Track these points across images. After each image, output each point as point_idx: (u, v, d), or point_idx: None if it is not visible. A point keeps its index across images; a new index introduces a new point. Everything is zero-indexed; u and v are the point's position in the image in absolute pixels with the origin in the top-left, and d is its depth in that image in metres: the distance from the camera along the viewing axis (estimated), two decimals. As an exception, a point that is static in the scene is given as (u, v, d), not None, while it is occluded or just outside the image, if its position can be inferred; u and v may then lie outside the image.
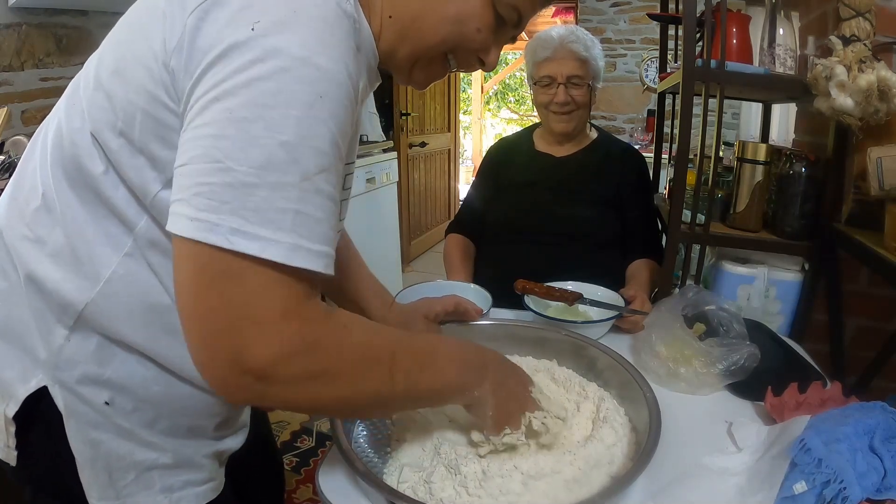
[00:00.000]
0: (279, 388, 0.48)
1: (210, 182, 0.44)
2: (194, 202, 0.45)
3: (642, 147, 3.25)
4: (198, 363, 0.48)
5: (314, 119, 0.46)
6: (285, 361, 0.47)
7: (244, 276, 0.45)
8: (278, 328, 0.46)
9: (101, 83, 0.54)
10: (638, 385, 0.78)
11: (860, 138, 1.02)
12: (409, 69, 0.64)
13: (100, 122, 0.53)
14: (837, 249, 1.16)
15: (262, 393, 0.48)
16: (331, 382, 0.51)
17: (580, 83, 1.40)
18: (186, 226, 0.45)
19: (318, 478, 0.67)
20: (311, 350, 0.49)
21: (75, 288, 0.56)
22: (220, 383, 0.48)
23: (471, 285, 1.19)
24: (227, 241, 0.44)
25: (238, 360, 0.46)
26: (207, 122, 0.45)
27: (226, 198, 0.44)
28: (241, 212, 0.44)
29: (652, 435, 0.67)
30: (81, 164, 0.55)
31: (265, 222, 0.45)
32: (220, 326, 0.45)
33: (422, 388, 0.60)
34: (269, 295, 0.46)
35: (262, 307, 0.46)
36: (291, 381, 0.49)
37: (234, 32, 0.45)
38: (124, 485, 0.61)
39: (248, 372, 0.46)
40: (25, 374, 0.59)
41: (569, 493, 0.63)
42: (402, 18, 0.59)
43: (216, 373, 0.47)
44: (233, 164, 0.44)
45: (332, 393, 0.52)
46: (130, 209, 0.55)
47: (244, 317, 0.46)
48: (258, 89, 0.45)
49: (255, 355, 0.46)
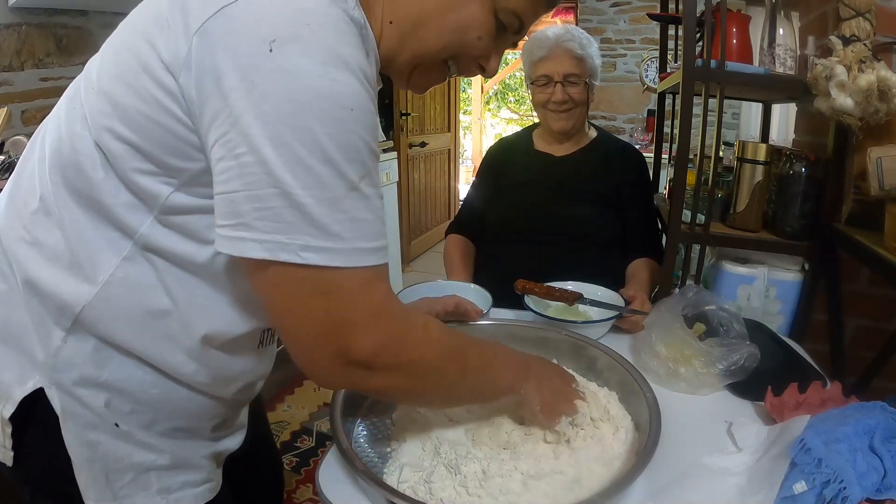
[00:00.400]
0: (379, 375, 0.56)
1: (270, 206, 0.48)
2: (259, 226, 0.48)
3: (642, 147, 3.24)
4: (304, 365, 0.55)
5: (349, 132, 0.49)
6: (383, 352, 0.54)
7: (323, 285, 0.51)
8: (373, 324, 0.53)
9: (104, 88, 0.54)
10: (638, 385, 0.78)
11: (860, 138, 1.02)
12: (409, 74, 0.64)
13: (102, 128, 0.53)
14: (837, 249, 1.16)
15: (363, 378, 0.56)
16: (417, 372, 0.59)
17: (577, 81, 1.40)
18: (256, 248, 0.49)
19: (318, 478, 0.67)
20: (402, 342, 0.56)
21: (73, 290, 0.56)
22: (328, 377, 0.56)
23: (471, 285, 1.19)
24: (298, 257, 0.49)
25: (344, 357, 0.53)
26: (247, 150, 0.47)
27: (288, 219, 0.48)
28: (304, 229, 0.48)
29: (652, 435, 0.67)
30: (81, 168, 0.55)
31: (327, 235, 0.49)
32: (323, 333, 0.52)
33: (483, 384, 0.68)
34: (358, 297, 0.52)
35: (355, 309, 0.52)
36: (388, 369, 0.56)
37: (250, 52, 0.46)
38: (121, 486, 0.61)
39: (353, 363, 0.53)
40: (22, 376, 0.59)
41: (569, 493, 0.63)
42: (402, 24, 0.59)
43: (324, 369, 0.55)
44: (286, 188, 0.47)
45: (417, 381, 0.59)
46: (131, 214, 0.55)
47: (342, 320, 0.52)
48: (289, 111, 0.46)
49: (359, 350, 0.53)
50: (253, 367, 0.68)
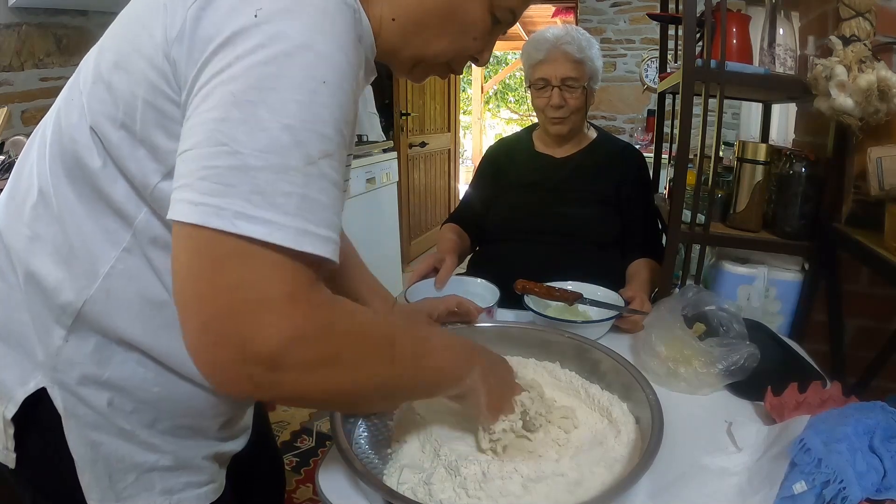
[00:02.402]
0: (287, 377, 0.46)
1: (215, 165, 0.44)
2: (198, 186, 0.44)
3: (642, 147, 3.24)
4: (196, 351, 0.45)
5: (318, 104, 0.46)
6: (296, 346, 0.45)
7: (250, 259, 0.44)
8: (288, 311, 0.45)
9: (102, 76, 0.54)
10: (640, 387, 0.78)
11: (860, 138, 1.02)
12: (411, 68, 0.65)
13: (99, 115, 0.53)
14: (837, 249, 1.16)
15: (268, 382, 0.46)
16: (339, 368, 0.50)
17: (574, 85, 1.39)
18: (190, 211, 0.44)
19: (318, 478, 0.67)
20: (321, 334, 0.47)
21: (74, 285, 0.56)
22: (221, 373, 0.46)
23: (478, 279, 1.20)
24: (232, 225, 0.43)
25: (245, 346, 0.44)
26: (211, 106, 0.45)
27: (231, 181, 0.43)
28: (246, 195, 0.43)
29: (654, 438, 0.67)
30: (80, 158, 0.55)
31: (271, 206, 0.44)
32: (225, 309, 0.43)
33: (421, 375, 0.60)
34: (277, 278, 0.44)
35: (270, 289, 0.44)
36: (301, 368, 0.47)
37: (238, 19, 0.46)
38: (124, 486, 0.61)
39: (256, 358, 0.44)
40: (24, 376, 0.59)
41: (570, 496, 0.63)
42: (405, 23, 0.59)
43: (218, 361, 0.45)
44: (238, 147, 0.43)
45: (339, 379, 0.50)
46: (129, 203, 0.55)
47: (251, 299, 0.44)
48: (262, 73, 0.44)
49: (264, 340, 0.44)
50: None
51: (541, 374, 0.90)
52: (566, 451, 0.70)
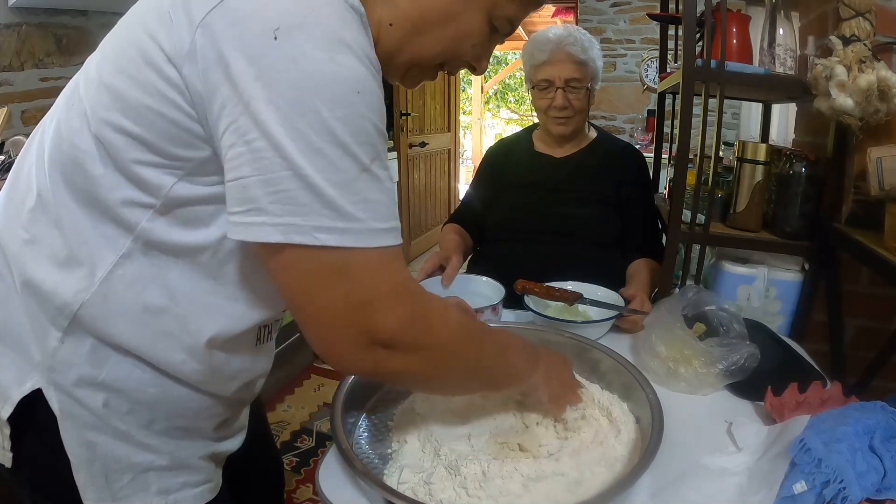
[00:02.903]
0: (401, 355, 0.55)
1: (283, 189, 0.48)
2: (273, 209, 0.48)
3: (642, 147, 3.24)
4: (325, 350, 0.54)
5: (357, 115, 0.49)
6: (408, 328, 0.54)
7: (340, 265, 0.50)
8: (395, 301, 0.53)
9: (105, 81, 0.54)
10: (640, 387, 0.78)
11: (860, 138, 1.02)
12: (403, 73, 0.65)
13: (103, 121, 0.53)
14: (837, 249, 1.16)
15: (385, 359, 0.54)
16: (439, 350, 0.58)
17: (578, 86, 1.39)
18: (270, 231, 0.48)
19: (318, 478, 0.67)
20: (424, 319, 0.56)
21: (71, 288, 0.56)
22: (348, 360, 0.54)
23: (483, 277, 1.21)
24: (313, 239, 0.48)
25: (367, 336, 0.52)
26: (259, 136, 0.47)
27: (302, 201, 0.48)
28: (319, 210, 0.48)
29: (654, 437, 0.67)
30: (81, 164, 0.55)
31: (342, 216, 0.49)
32: (343, 313, 0.51)
33: (498, 370, 0.68)
34: (377, 275, 0.52)
35: (376, 287, 0.52)
36: (411, 348, 0.55)
37: (255, 42, 0.46)
38: (120, 487, 0.61)
39: (377, 343, 0.53)
40: (20, 377, 0.58)
41: (570, 495, 0.63)
42: (402, 29, 0.59)
43: (348, 353, 0.53)
44: (299, 171, 0.47)
45: (439, 360, 0.59)
46: (131, 210, 0.55)
47: (363, 298, 0.51)
48: (297, 97, 0.47)
49: (383, 327, 0.52)
50: (251, 365, 0.68)
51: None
52: (566, 451, 0.70)
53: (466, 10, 0.60)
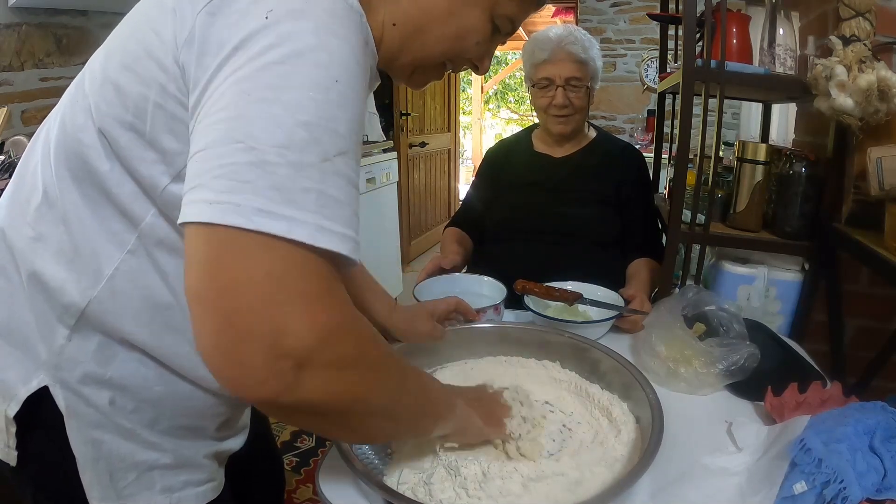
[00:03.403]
0: (316, 377, 0.44)
1: (231, 162, 0.43)
2: (214, 185, 0.43)
3: (642, 147, 3.24)
4: (215, 351, 0.43)
5: (331, 102, 0.46)
6: (329, 340, 0.44)
7: (274, 254, 0.42)
8: (320, 306, 0.44)
9: (109, 78, 0.54)
10: (640, 386, 0.78)
11: (860, 138, 1.02)
12: (409, 74, 0.65)
13: (108, 117, 0.53)
14: (837, 249, 1.16)
15: (294, 383, 0.43)
16: (363, 372, 0.48)
17: (579, 85, 1.39)
18: (205, 210, 0.42)
19: (318, 478, 0.67)
20: (350, 333, 0.47)
21: (78, 286, 0.56)
22: (246, 372, 0.42)
23: (484, 277, 1.21)
24: (250, 221, 0.42)
25: (277, 340, 0.42)
26: (224, 105, 0.45)
27: (248, 177, 0.42)
28: (264, 191, 0.42)
29: (654, 437, 0.67)
30: (86, 160, 0.55)
31: (289, 202, 0.43)
32: (253, 302, 0.42)
33: (423, 399, 0.60)
34: (306, 273, 0.43)
35: (301, 284, 0.43)
36: (330, 366, 0.45)
37: (249, 23, 0.46)
38: (125, 485, 0.61)
39: (287, 354, 0.42)
40: (27, 375, 0.59)
41: (570, 495, 0.63)
42: (405, 28, 0.60)
43: (244, 358, 0.42)
44: (254, 143, 0.43)
45: (361, 384, 0.49)
46: (136, 205, 0.55)
47: (283, 292, 0.42)
48: (275, 72, 0.45)
49: (297, 333, 0.42)
50: None
51: (540, 375, 0.90)
52: (566, 451, 0.70)
53: (468, 8, 0.60)
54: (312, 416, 0.48)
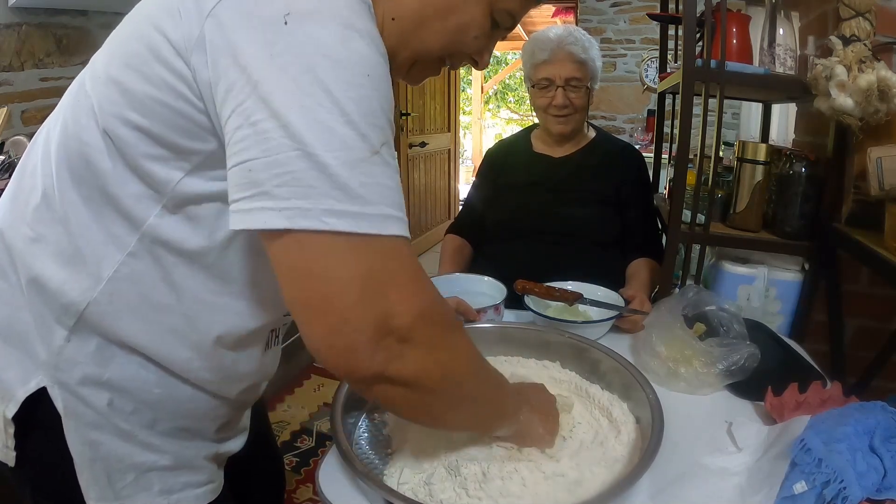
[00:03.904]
0: (416, 351, 0.50)
1: (290, 171, 0.45)
2: (279, 192, 0.45)
3: (642, 147, 3.25)
4: (330, 347, 0.48)
5: (368, 97, 0.48)
6: (427, 319, 0.50)
7: (353, 252, 0.46)
8: (416, 287, 0.49)
9: (112, 77, 0.54)
10: (640, 387, 0.78)
11: (860, 138, 1.02)
12: (408, 69, 0.65)
13: (112, 116, 0.53)
14: (837, 249, 1.16)
15: (399, 356, 0.49)
16: (453, 352, 0.54)
17: (579, 85, 1.39)
18: (275, 217, 0.45)
19: (318, 478, 0.67)
20: (443, 311, 0.52)
21: (77, 287, 0.56)
22: (357, 358, 0.48)
23: (485, 277, 1.21)
24: (322, 223, 0.45)
25: (384, 325, 0.47)
26: (268, 115, 0.45)
27: (311, 182, 0.45)
28: (328, 192, 0.45)
29: (654, 438, 0.67)
30: (89, 160, 0.55)
31: (352, 199, 0.46)
32: (357, 299, 0.46)
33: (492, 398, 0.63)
34: (395, 261, 0.48)
35: (394, 272, 0.48)
36: (427, 344, 0.50)
37: (267, 28, 0.46)
38: (123, 486, 0.61)
39: (393, 334, 0.48)
40: (25, 376, 0.59)
41: (570, 495, 0.63)
42: (404, 22, 0.59)
43: (357, 347, 0.47)
44: (309, 150, 0.45)
45: (451, 363, 0.54)
46: (139, 207, 0.55)
47: (381, 283, 0.47)
48: (309, 78, 0.45)
49: (401, 315, 0.48)
50: (259, 367, 0.68)
51: (541, 375, 0.90)
52: (566, 451, 0.70)
53: (467, 3, 0.60)
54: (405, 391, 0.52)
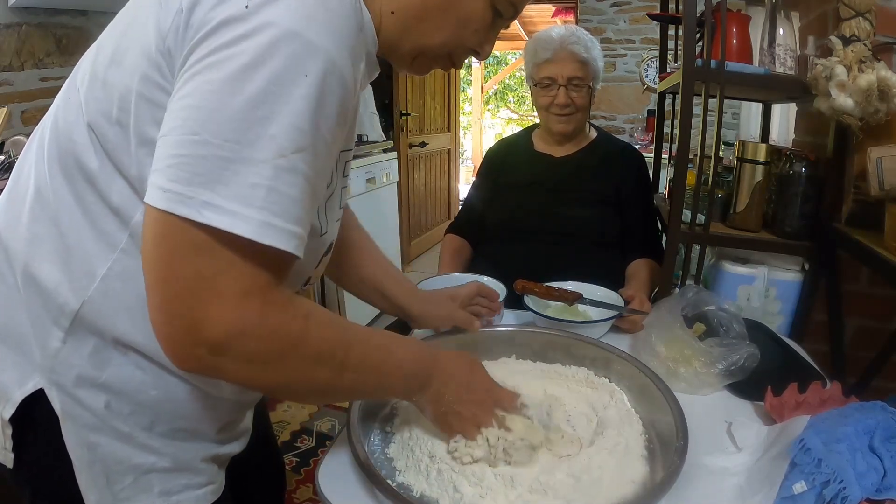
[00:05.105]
0: (230, 364, 0.49)
1: (185, 154, 0.44)
2: (168, 173, 0.45)
3: (642, 147, 3.24)
4: (154, 325, 0.48)
5: (296, 97, 0.46)
6: (240, 339, 0.48)
7: (212, 249, 0.45)
8: (238, 304, 0.47)
9: (98, 74, 0.54)
10: (662, 396, 0.77)
11: (860, 138, 1.02)
12: (411, 62, 0.65)
13: (96, 113, 0.53)
14: (837, 249, 1.16)
15: (212, 366, 0.49)
16: (279, 367, 0.52)
17: (581, 85, 1.40)
18: (159, 196, 0.45)
19: (318, 478, 0.67)
20: (268, 334, 0.49)
21: (72, 286, 0.56)
22: (173, 349, 0.49)
23: (484, 277, 1.21)
24: (197, 214, 0.44)
25: (194, 330, 0.46)
26: (188, 93, 0.45)
27: (199, 170, 0.44)
28: (213, 185, 0.44)
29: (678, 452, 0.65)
30: (78, 158, 0.55)
31: (237, 197, 0.45)
32: (181, 293, 0.46)
33: (365, 387, 0.63)
34: (235, 270, 0.46)
35: (225, 281, 0.46)
36: (243, 360, 0.49)
37: (229, 8, 0.46)
38: (122, 488, 0.61)
39: (203, 343, 0.47)
40: (22, 377, 0.58)
41: (579, 495, 0.63)
42: (405, 16, 0.59)
43: (171, 338, 0.48)
44: (208, 137, 0.44)
45: (280, 377, 0.53)
46: (127, 203, 0.55)
47: (206, 288, 0.46)
48: (242, 63, 0.45)
49: (211, 327, 0.46)
50: None
51: (541, 375, 0.89)
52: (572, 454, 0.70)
53: None
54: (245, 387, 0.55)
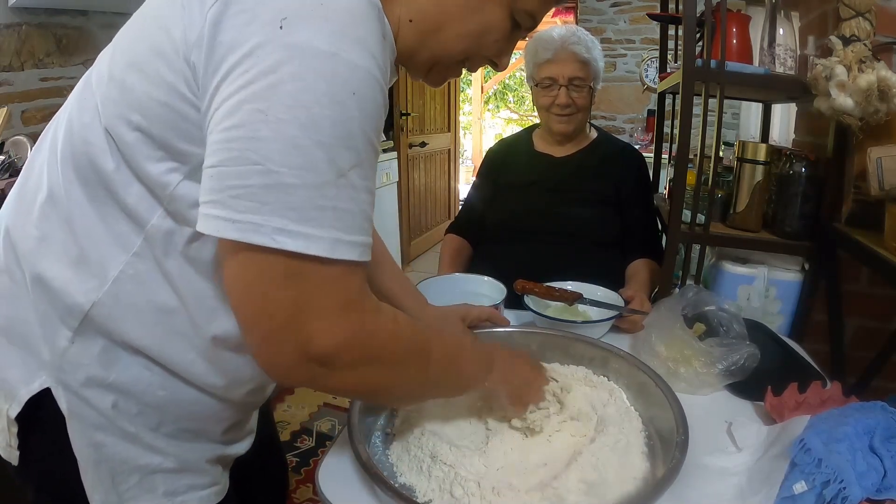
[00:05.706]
0: (339, 373, 0.52)
1: (249, 184, 0.45)
2: (234, 204, 0.46)
3: (642, 147, 3.25)
4: (259, 356, 0.52)
5: (348, 118, 0.47)
6: (347, 349, 0.51)
7: (298, 274, 0.48)
8: (340, 317, 0.50)
9: (115, 76, 0.53)
10: (661, 392, 0.77)
11: (860, 138, 1.02)
12: (427, 71, 0.64)
13: (113, 116, 0.53)
14: (837, 249, 1.16)
15: (322, 376, 0.52)
16: (381, 368, 0.56)
17: (581, 85, 1.39)
18: (228, 228, 0.46)
19: (318, 478, 0.67)
20: (369, 338, 0.53)
21: (82, 288, 0.56)
22: (286, 372, 0.52)
23: (484, 277, 1.21)
24: (272, 241, 0.46)
25: (304, 351, 0.50)
26: (239, 123, 0.46)
27: (267, 199, 0.46)
28: (282, 211, 0.46)
29: (679, 446, 0.66)
30: (93, 160, 0.54)
31: (306, 220, 0.46)
32: (285, 323, 0.49)
33: (447, 378, 0.66)
34: (326, 287, 0.49)
35: (322, 300, 0.49)
36: (350, 366, 0.53)
37: (262, 29, 0.45)
38: (127, 488, 0.61)
39: (314, 359, 0.50)
40: (29, 376, 0.58)
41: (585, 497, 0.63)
42: (423, 25, 0.59)
43: (282, 364, 0.51)
44: (272, 166, 0.45)
45: (380, 378, 0.57)
46: (142, 206, 0.55)
47: (307, 310, 0.49)
48: (290, 90, 0.45)
49: (320, 345, 0.50)
50: (262, 370, 0.68)
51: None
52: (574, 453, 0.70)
53: (488, 5, 0.59)
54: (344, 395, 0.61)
